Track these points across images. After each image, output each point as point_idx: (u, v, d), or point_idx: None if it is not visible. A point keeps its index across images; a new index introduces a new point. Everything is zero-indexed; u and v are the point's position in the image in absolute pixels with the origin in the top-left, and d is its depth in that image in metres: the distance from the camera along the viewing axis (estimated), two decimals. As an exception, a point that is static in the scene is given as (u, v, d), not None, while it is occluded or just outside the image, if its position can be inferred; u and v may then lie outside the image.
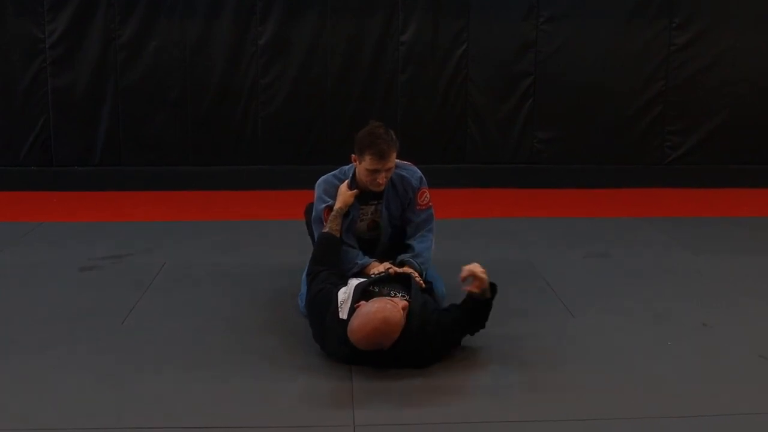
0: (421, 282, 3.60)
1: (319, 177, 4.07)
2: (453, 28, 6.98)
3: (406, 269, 3.69)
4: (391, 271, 3.61)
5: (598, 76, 7.07)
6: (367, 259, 3.87)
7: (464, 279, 3.40)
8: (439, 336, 3.34)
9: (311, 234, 4.05)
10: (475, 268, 3.39)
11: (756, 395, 3.13)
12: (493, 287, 3.45)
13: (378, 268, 3.75)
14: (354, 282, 3.42)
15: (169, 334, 3.73)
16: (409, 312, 3.27)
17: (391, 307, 3.17)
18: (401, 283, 3.51)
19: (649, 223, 5.83)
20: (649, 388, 3.17)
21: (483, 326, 3.48)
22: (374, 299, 3.26)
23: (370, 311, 3.16)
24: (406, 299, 3.36)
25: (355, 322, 3.19)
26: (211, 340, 3.64)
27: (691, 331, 3.77)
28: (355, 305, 3.27)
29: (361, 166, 3.79)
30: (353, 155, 3.83)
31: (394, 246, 3.96)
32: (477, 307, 3.43)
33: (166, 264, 4.76)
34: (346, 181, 3.91)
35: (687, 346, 3.60)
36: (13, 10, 6.76)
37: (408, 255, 3.85)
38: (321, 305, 3.41)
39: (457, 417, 2.95)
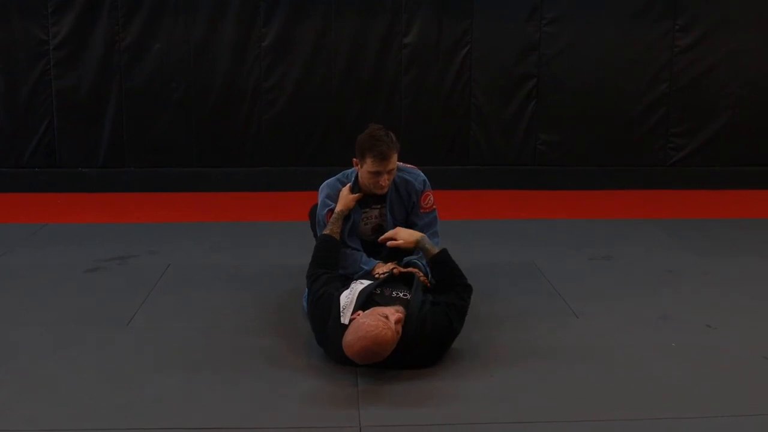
0: (427, 282, 3.60)
1: (323, 178, 4.09)
2: (456, 29, 6.98)
3: (411, 269, 3.69)
4: (395, 271, 3.62)
5: (601, 78, 7.06)
6: (372, 261, 3.88)
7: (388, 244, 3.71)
8: (438, 332, 3.35)
9: (316, 236, 4.06)
10: (390, 234, 3.71)
11: (760, 397, 3.13)
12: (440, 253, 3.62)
13: (383, 268, 3.75)
14: (358, 287, 3.42)
15: (174, 335, 3.74)
16: (408, 315, 3.28)
17: (383, 325, 3.15)
18: (404, 282, 3.52)
19: (653, 225, 5.82)
20: (652, 390, 3.17)
21: (463, 299, 3.49)
22: (368, 313, 3.25)
23: (362, 329, 3.16)
24: (406, 297, 3.38)
25: (347, 338, 3.20)
26: (216, 342, 3.65)
27: (695, 333, 3.77)
28: (352, 316, 3.28)
29: (363, 169, 3.80)
30: (354, 159, 3.84)
31: (399, 249, 3.95)
32: (438, 268, 3.57)
33: (170, 265, 4.77)
34: (348, 185, 3.93)
35: (691, 347, 3.60)
36: (17, 13, 6.77)
37: (414, 257, 3.85)
38: (322, 310, 3.42)
39: (461, 418, 2.96)
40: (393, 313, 3.23)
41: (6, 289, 4.37)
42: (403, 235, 3.68)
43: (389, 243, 3.71)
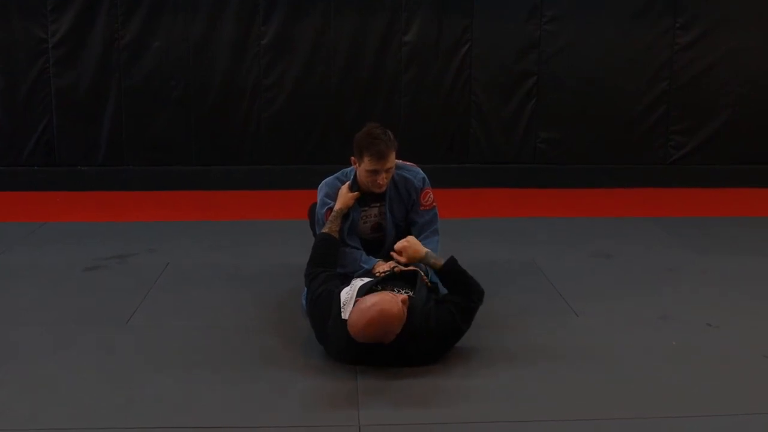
0: (427, 281, 3.60)
1: (322, 177, 4.08)
2: (456, 27, 6.97)
3: (412, 267, 3.68)
4: (396, 269, 3.61)
5: (601, 76, 7.05)
6: (372, 260, 3.87)
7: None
8: (442, 328, 3.35)
9: (315, 235, 4.05)
10: (398, 246, 3.62)
11: (760, 396, 3.13)
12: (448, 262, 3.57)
13: (383, 266, 3.75)
14: (358, 283, 3.41)
15: (174, 334, 3.73)
16: (411, 307, 3.27)
17: (389, 299, 3.17)
18: (405, 280, 3.51)
19: (653, 223, 5.82)
20: (652, 389, 3.16)
21: (472, 301, 3.46)
22: (375, 293, 3.26)
23: (367, 304, 3.17)
24: (409, 295, 3.37)
25: (353, 315, 3.20)
26: (215, 340, 3.64)
27: (696, 332, 3.77)
28: (356, 299, 3.27)
29: (361, 168, 3.79)
30: (352, 158, 3.83)
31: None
32: (448, 278, 3.53)
33: (169, 264, 4.77)
34: (347, 183, 3.92)
35: (691, 346, 3.60)
36: (16, 11, 6.76)
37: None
38: (322, 308, 3.41)
39: (461, 417, 2.96)
40: (399, 295, 3.24)
41: (5, 288, 4.37)
42: (410, 253, 3.62)
43: (393, 255, 3.68)
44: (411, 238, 3.68)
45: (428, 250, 3.66)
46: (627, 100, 7.10)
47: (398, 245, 3.66)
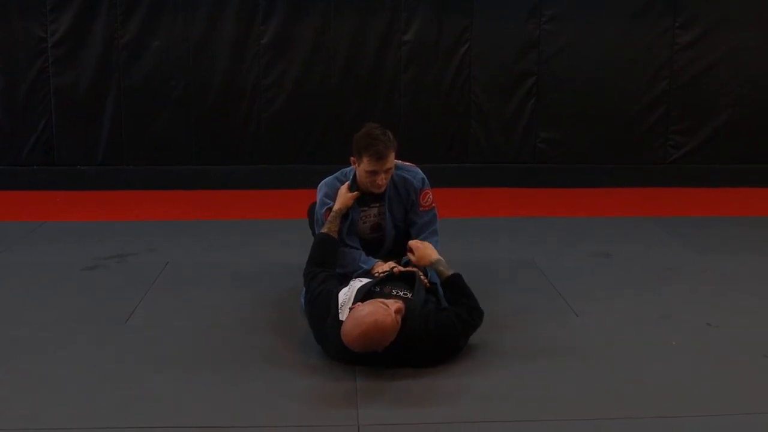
0: (427, 282, 3.59)
1: (322, 176, 4.08)
2: (456, 27, 6.97)
3: (411, 268, 3.68)
4: (395, 270, 3.61)
5: (601, 76, 7.05)
6: (371, 260, 3.87)
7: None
8: (441, 331, 3.34)
9: (314, 235, 4.05)
10: (413, 243, 3.71)
11: (760, 395, 3.12)
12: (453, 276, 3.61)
13: (382, 267, 3.75)
14: (357, 284, 3.41)
15: (173, 333, 3.73)
16: (410, 309, 3.26)
17: (382, 311, 3.14)
18: (404, 281, 3.51)
19: (653, 223, 5.82)
20: (652, 388, 3.16)
21: (472, 318, 3.46)
22: (368, 302, 3.24)
23: (361, 315, 3.15)
24: (407, 297, 3.36)
25: (347, 325, 3.19)
26: (215, 340, 3.64)
27: (695, 331, 3.76)
28: (351, 306, 3.27)
29: (360, 168, 3.79)
30: (352, 158, 3.83)
31: (398, 247, 3.95)
32: (450, 289, 3.56)
33: (169, 263, 4.76)
34: (347, 183, 3.92)
35: (691, 346, 3.59)
36: (16, 10, 6.76)
37: (413, 257, 3.85)
38: (321, 308, 3.41)
39: (460, 417, 2.95)
40: (393, 304, 3.22)
41: (5, 287, 4.37)
42: (421, 254, 3.65)
43: (408, 249, 3.73)
44: (427, 243, 3.72)
45: (441, 258, 3.66)
46: (627, 100, 7.10)
47: (413, 242, 3.71)
